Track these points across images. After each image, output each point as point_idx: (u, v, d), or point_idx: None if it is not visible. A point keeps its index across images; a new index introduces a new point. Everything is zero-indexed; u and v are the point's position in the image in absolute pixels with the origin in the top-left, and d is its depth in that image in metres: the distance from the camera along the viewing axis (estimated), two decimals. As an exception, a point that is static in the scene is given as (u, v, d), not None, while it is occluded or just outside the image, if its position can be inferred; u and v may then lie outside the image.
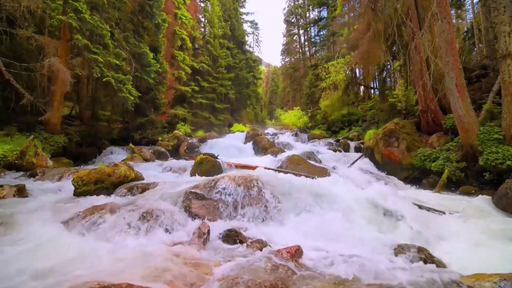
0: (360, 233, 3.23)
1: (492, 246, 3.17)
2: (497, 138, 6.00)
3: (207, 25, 31.12)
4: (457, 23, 16.44)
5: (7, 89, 9.10)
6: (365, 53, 11.82)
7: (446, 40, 6.51)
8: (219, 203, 3.79)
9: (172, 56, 22.33)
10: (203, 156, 7.89)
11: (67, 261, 2.36)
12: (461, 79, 6.46)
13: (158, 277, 2.02)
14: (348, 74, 19.01)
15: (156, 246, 2.73)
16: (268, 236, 3.12)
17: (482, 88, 8.50)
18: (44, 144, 9.34)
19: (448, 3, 6.95)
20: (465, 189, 6.30)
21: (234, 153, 12.67)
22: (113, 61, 11.50)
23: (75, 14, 9.82)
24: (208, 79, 28.70)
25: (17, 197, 4.80)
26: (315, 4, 31.90)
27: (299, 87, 32.52)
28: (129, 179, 5.39)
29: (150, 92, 16.37)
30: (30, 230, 3.14)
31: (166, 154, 12.63)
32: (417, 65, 8.83)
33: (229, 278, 2.01)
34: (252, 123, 36.69)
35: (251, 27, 46.85)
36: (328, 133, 18.10)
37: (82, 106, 13.98)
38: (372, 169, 8.55)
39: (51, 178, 6.47)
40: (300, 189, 4.14)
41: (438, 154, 7.30)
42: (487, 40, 10.39)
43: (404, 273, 2.23)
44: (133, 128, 15.41)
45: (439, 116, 8.29)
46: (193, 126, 23.84)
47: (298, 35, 37.01)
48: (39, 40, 9.34)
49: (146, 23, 15.86)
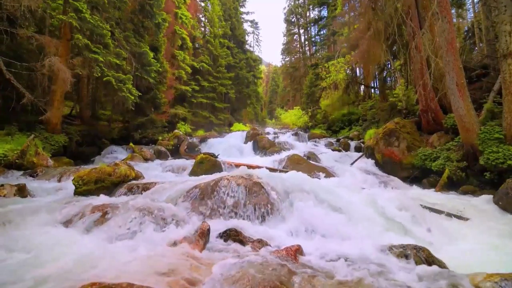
0: (361, 233, 3.23)
1: (493, 246, 3.17)
2: (498, 138, 5.99)
3: (207, 25, 31.11)
4: (457, 23, 16.40)
5: (8, 88, 9.10)
6: (365, 52, 11.80)
7: (446, 39, 6.50)
8: (219, 202, 3.79)
9: (173, 56, 22.32)
10: (203, 156, 7.90)
11: (66, 261, 2.36)
12: (462, 79, 6.45)
13: (158, 276, 2.02)
14: (348, 74, 19.02)
15: (156, 245, 2.73)
16: (268, 235, 3.12)
17: (482, 88, 8.48)
18: (44, 144, 9.35)
19: (449, 2, 6.94)
20: (466, 188, 6.30)
21: (234, 152, 12.68)
22: (113, 61, 11.51)
23: (76, 14, 9.82)
24: (208, 79, 28.70)
25: (18, 196, 4.80)
26: (316, 3, 31.85)
27: (299, 87, 32.49)
28: (129, 179, 5.39)
29: (150, 92, 16.37)
30: (30, 230, 3.14)
31: (166, 153, 12.64)
32: (418, 65, 8.81)
33: (229, 277, 2.01)
34: (252, 123, 36.68)
35: (251, 26, 46.88)
36: (329, 132, 18.10)
37: (82, 106, 13.98)
38: (373, 168, 8.55)
39: (52, 178, 6.48)
40: (301, 189, 4.14)
41: (438, 154, 7.29)
42: (488, 40, 10.36)
43: (404, 273, 2.23)
44: (134, 127, 15.41)
45: (439, 116, 8.28)
46: (193, 125, 23.85)
47: (298, 34, 36.98)
48: (40, 40, 9.34)
49: (147, 22, 15.87)
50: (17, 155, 7.63)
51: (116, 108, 14.53)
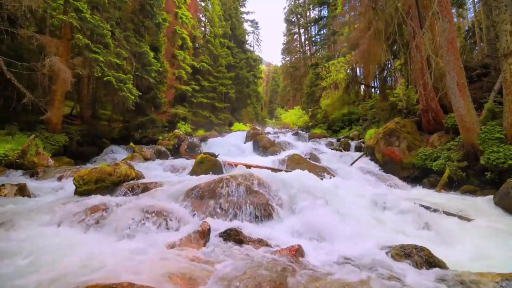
0: (361, 233, 3.23)
1: (494, 246, 3.16)
2: (499, 138, 5.99)
3: (208, 25, 31.11)
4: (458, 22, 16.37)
5: (9, 88, 9.11)
6: (365, 52, 11.78)
7: (447, 39, 6.49)
8: (220, 202, 3.79)
9: (173, 55, 22.33)
10: (203, 156, 7.89)
11: (67, 261, 2.36)
12: (462, 78, 6.45)
13: (158, 275, 2.02)
14: (348, 73, 18.99)
15: (156, 245, 2.73)
16: (269, 235, 3.12)
17: (483, 87, 8.47)
18: (45, 143, 9.35)
19: (449, 2, 6.93)
20: (466, 188, 6.29)
21: (235, 152, 12.68)
22: (113, 61, 11.51)
23: (76, 14, 9.83)
24: (208, 78, 28.71)
25: (19, 196, 4.81)
26: (316, 3, 31.83)
27: (299, 86, 32.48)
28: (129, 178, 5.39)
29: (150, 91, 16.37)
30: (30, 230, 3.15)
31: (166, 153, 12.64)
32: (418, 64, 8.80)
33: (230, 277, 2.01)
34: (253, 123, 36.65)
35: (252, 26, 46.85)
36: (329, 132, 18.08)
37: (82, 106, 13.99)
38: (373, 168, 8.54)
39: (52, 177, 6.49)
40: (302, 189, 4.14)
41: (439, 154, 7.28)
42: (488, 39, 10.35)
43: (405, 273, 2.23)
44: (134, 127, 15.42)
45: (440, 115, 8.27)
46: (194, 125, 23.85)
47: (298, 34, 36.96)
48: (40, 40, 9.35)
49: (147, 22, 15.87)
50: (17, 155, 7.64)
51: (116, 108, 14.53)
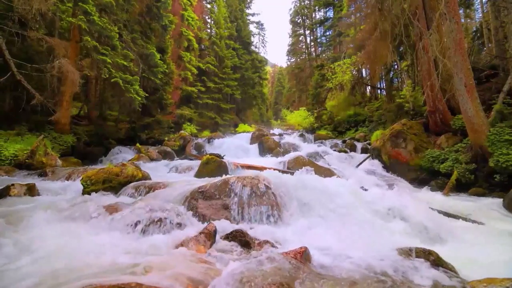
0: (369, 235, 3.21)
1: (503, 250, 3.11)
2: (508, 139, 5.89)
3: (213, 26, 31.30)
4: (465, 23, 16.17)
5: (18, 89, 9.31)
6: (371, 53, 11.72)
7: (454, 40, 6.42)
8: (226, 203, 3.80)
9: (179, 57, 22.52)
10: (209, 156, 7.91)
11: (75, 260, 2.39)
12: (470, 80, 6.37)
13: (165, 276, 2.04)
14: (354, 75, 18.90)
15: (163, 246, 2.75)
16: (275, 237, 3.11)
17: (491, 89, 8.34)
18: (53, 144, 9.51)
19: (457, 2, 6.87)
20: (475, 191, 6.20)
21: (240, 153, 12.70)
22: (121, 62, 11.65)
23: (85, 16, 9.99)
24: (214, 80, 28.85)
25: (28, 195, 4.88)
26: (321, 4, 31.81)
27: (305, 88, 32.40)
28: (136, 179, 5.43)
29: (156, 93, 16.53)
30: (39, 229, 3.20)
31: (172, 154, 12.72)
32: (425, 65, 8.72)
33: (235, 279, 2.01)
34: (258, 124, 36.66)
35: (257, 27, 47.00)
36: (334, 133, 17.99)
37: (90, 106, 14.19)
38: (379, 170, 8.47)
39: (60, 177, 6.58)
40: (308, 191, 4.12)
41: (446, 155, 7.19)
42: (497, 40, 10.18)
43: (412, 277, 2.21)
44: (140, 128, 15.57)
45: (447, 117, 8.18)
46: (199, 126, 23.98)
47: (304, 35, 36.91)
48: (50, 42, 9.54)
49: (153, 24, 16.05)
50: (27, 155, 7.77)
51: (123, 109, 14.71)
